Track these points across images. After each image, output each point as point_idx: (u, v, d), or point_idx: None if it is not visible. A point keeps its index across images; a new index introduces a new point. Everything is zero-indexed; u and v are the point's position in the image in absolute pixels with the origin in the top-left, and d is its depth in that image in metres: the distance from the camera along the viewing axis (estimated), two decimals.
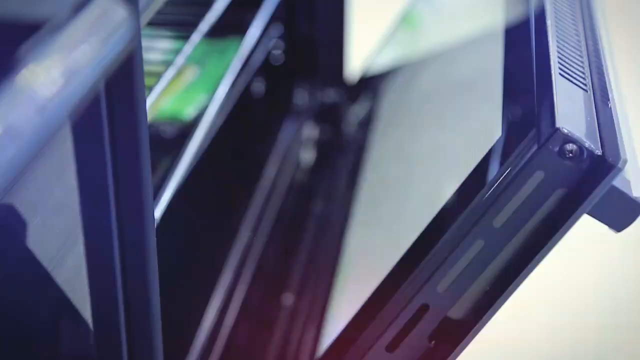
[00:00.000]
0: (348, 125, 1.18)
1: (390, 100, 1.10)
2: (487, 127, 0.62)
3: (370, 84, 1.18)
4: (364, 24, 1.50)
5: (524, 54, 0.62)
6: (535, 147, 0.50)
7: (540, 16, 0.63)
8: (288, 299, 0.91)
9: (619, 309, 1.25)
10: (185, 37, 0.80)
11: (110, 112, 0.53)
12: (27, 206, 0.50)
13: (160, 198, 0.71)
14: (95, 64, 0.35)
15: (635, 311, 1.24)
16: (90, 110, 0.45)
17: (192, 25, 0.81)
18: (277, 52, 1.15)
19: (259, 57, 1.04)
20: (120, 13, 0.38)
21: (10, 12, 0.35)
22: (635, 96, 1.13)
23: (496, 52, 0.71)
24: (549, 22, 0.60)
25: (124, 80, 0.51)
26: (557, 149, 0.49)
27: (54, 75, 0.33)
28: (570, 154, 0.49)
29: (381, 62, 1.21)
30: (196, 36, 0.80)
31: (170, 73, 0.74)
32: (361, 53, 1.30)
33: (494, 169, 0.55)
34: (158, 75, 0.72)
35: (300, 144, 1.16)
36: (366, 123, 1.13)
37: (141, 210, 0.57)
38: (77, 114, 0.37)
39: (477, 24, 0.89)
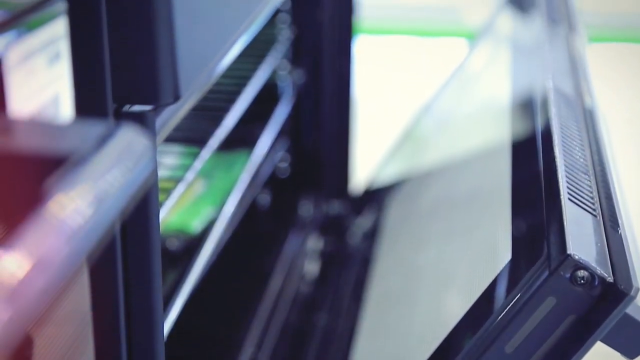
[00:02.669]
0: (353, 238, 1.18)
1: (395, 213, 1.11)
2: (496, 248, 0.63)
3: (375, 197, 1.19)
4: (368, 137, 1.51)
5: (532, 176, 0.63)
6: (546, 273, 0.50)
7: (548, 138, 0.64)
8: None
9: None
10: (195, 153, 0.81)
11: (124, 232, 0.54)
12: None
13: (169, 311, 0.71)
14: (120, 194, 0.35)
15: None
16: None
17: (202, 142, 0.82)
18: (284, 165, 1.16)
19: (266, 170, 1.05)
20: (142, 143, 0.39)
21: (37, 144, 0.36)
22: None
23: (503, 172, 0.72)
24: (556, 148, 0.61)
25: (138, 203, 0.52)
26: (568, 275, 0.49)
27: (81, 206, 0.33)
28: (582, 281, 0.49)
29: (386, 175, 1.22)
30: (206, 152, 0.82)
31: (180, 189, 0.75)
32: (366, 166, 1.31)
33: (504, 292, 0.55)
34: (168, 191, 0.73)
35: (305, 255, 1.17)
36: (371, 235, 1.13)
37: (151, 325, 0.57)
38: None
39: (483, 142, 0.91)
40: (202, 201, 0.99)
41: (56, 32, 0.45)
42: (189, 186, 0.80)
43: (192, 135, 0.90)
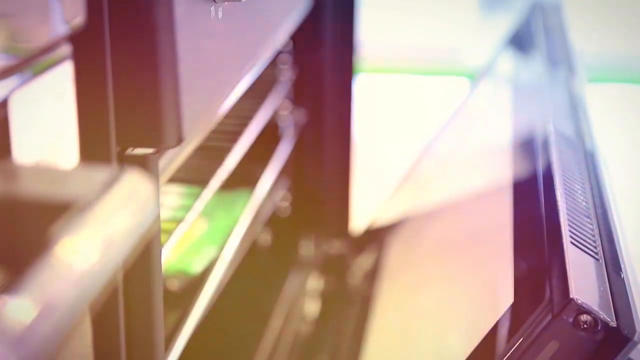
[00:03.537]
0: (354, 277, 1.18)
1: (396, 253, 1.11)
2: (498, 291, 0.62)
3: (376, 236, 1.19)
4: (369, 176, 1.52)
5: (534, 218, 0.63)
6: (549, 317, 0.50)
7: (549, 181, 0.65)
8: None
9: None
10: (197, 194, 0.81)
11: (126, 274, 0.54)
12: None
13: (170, 351, 0.71)
14: (125, 238, 0.36)
15: None
16: None
17: (204, 182, 0.82)
18: (284, 205, 1.16)
19: (266, 210, 1.05)
20: (147, 188, 0.39)
21: (42, 189, 0.36)
22: None
23: (504, 214, 0.72)
24: (557, 191, 0.61)
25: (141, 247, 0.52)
26: (571, 319, 0.49)
27: (87, 252, 0.33)
28: (585, 325, 0.49)
29: (387, 214, 1.22)
30: (207, 193, 0.82)
31: (181, 230, 0.75)
32: (367, 205, 1.32)
33: (507, 336, 0.55)
34: (169, 232, 0.73)
35: (306, 295, 1.16)
36: (372, 275, 1.13)
37: None
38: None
39: (484, 183, 0.91)
40: (203, 241, 0.99)
41: (61, 75, 0.45)
42: (190, 226, 0.80)
43: (193, 175, 0.90)
